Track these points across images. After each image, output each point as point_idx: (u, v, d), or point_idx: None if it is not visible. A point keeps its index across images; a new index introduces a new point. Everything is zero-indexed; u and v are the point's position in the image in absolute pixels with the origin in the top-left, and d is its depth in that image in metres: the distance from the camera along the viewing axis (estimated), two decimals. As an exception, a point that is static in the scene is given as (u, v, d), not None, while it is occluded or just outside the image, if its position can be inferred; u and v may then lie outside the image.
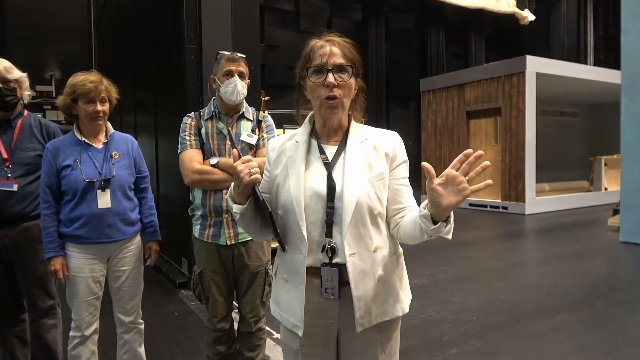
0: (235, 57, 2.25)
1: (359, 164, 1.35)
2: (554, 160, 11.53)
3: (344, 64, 1.33)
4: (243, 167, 1.28)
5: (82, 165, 2.18)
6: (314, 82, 1.33)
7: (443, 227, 1.22)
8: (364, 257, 1.32)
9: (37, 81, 12.16)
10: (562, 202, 10.06)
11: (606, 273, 5.04)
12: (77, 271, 2.20)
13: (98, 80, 2.20)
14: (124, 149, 2.34)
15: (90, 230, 2.17)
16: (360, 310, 1.31)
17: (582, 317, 3.63)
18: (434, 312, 3.75)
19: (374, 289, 1.33)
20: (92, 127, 2.25)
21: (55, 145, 2.23)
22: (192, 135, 2.24)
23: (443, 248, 6.11)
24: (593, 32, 15.09)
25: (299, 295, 1.34)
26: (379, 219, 1.35)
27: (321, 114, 1.38)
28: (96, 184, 2.17)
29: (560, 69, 9.77)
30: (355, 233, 1.31)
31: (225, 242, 2.22)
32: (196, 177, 2.18)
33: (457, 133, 10.71)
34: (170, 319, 3.69)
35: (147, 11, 6.12)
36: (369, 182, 1.33)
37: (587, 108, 13.15)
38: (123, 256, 2.29)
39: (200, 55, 4.36)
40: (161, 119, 5.61)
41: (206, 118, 2.28)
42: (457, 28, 14.46)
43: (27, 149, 2.40)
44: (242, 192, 1.32)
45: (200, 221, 2.28)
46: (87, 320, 2.22)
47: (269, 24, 11.39)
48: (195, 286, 2.30)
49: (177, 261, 4.90)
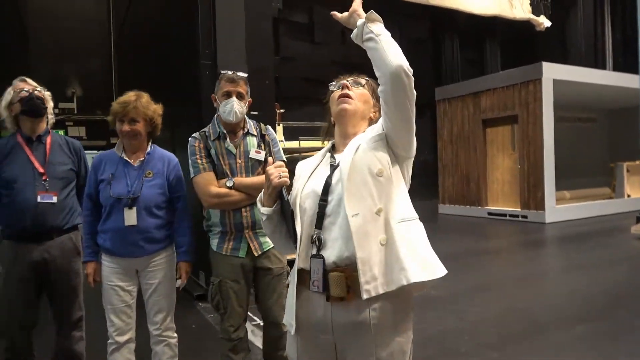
0: (235, 78, 2.30)
1: (357, 142, 1.42)
2: (574, 167, 11.34)
3: (359, 80, 1.52)
4: (274, 171, 1.40)
5: (115, 181, 2.28)
6: (332, 91, 1.53)
7: (362, 22, 1.36)
8: (367, 218, 1.31)
9: (59, 98, 12.45)
10: (584, 209, 9.87)
11: (629, 282, 4.92)
12: (108, 279, 2.30)
13: (130, 100, 2.28)
14: (160, 167, 2.38)
15: (115, 244, 2.27)
16: (365, 275, 1.27)
17: (604, 327, 3.55)
18: (451, 323, 3.71)
19: (377, 253, 1.30)
20: (129, 145, 2.35)
21: (100, 158, 2.37)
22: (203, 158, 2.27)
23: (462, 258, 6.05)
24: (611, 34, 14.85)
25: (292, 293, 1.40)
26: (382, 179, 1.34)
27: (335, 115, 1.50)
28: (124, 201, 2.24)
29: (577, 75, 9.65)
30: (356, 193, 1.32)
31: (246, 254, 2.27)
32: (215, 200, 2.23)
33: (473, 141, 10.63)
34: (188, 332, 3.72)
35: (164, 28, 6.26)
36: (365, 143, 1.39)
37: (606, 113, 12.92)
38: (151, 270, 2.35)
39: (216, 71, 4.44)
40: (178, 133, 5.71)
41: (213, 139, 2.32)
42: (472, 35, 14.42)
43: (60, 164, 2.49)
44: (270, 194, 1.43)
45: (219, 236, 2.32)
46: (120, 327, 2.30)
47: (283, 36, 11.53)
48: (214, 296, 2.33)
49: (195, 273, 4.95)
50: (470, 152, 10.72)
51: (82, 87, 12.66)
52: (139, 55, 8.44)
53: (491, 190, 10.41)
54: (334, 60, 11.43)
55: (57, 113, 12.26)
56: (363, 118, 1.50)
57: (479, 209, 10.43)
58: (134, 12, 8.69)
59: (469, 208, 10.67)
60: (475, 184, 10.55)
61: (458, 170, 11.02)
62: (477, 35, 14.60)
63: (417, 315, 1.49)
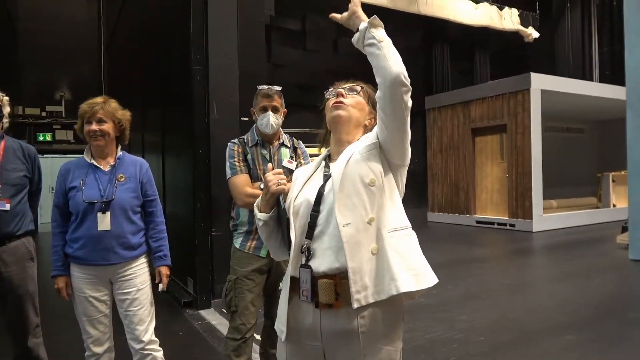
0: (270, 93, 2.47)
1: (350, 151, 1.42)
2: (561, 177, 11.47)
3: (354, 87, 1.51)
4: (272, 178, 1.41)
5: (86, 186, 2.21)
6: (327, 99, 1.52)
7: (364, 26, 1.36)
8: (359, 227, 1.31)
9: (48, 101, 12.37)
10: (571, 219, 9.97)
11: (616, 291, 4.97)
12: (80, 291, 2.22)
13: (97, 102, 2.25)
14: (132, 171, 2.34)
15: (88, 251, 2.19)
16: (355, 284, 1.27)
17: (593, 336, 3.57)
18: (440, 331, 3.71)
19: (368, 263, 1.30)
20: (96, 148, 2.28)
21: (67, 167, 2.29)
22: (240, 162, 2.42)
23: (451, 266, 6.07)
24: (598, 47, 15.10)
25: (284, 300, 1.39)
26: (374, 189, 1.34)
27: (329, 122, 1.50)
28: (97, 206, 2.19)
29: (565, 85, 9.79)
30: (348, 203, 1.33)
31: (267, 254, 2.35)
32: (250, 200, 2.30)
33: (462, 150, 10.71)
34: (175, 339, 3.68)
35: (156, 33, 6.24)
36: (358, 153, 1.39)
37: (594, 124, 13.12)
38: (125, 279, 2.27)
39: (207, 76, 4.43)
40: (168, 138, 5.68)
41: (251, 145, 2.47)
42: (462, 45, 14.58)
43: (14, 170, 2.42)
44: (268, 200, 1.45)
45: (243, 235, 2.43)
46: (97, 337, 2.24)
47: (275, 43, 11.55)
48: (228, 292, 2.38)
49: (183, 280, 4.90)
50: (459, 160, 10.80)
51: (70, 90, 12.58)
52: (130, 59, 8.40)
53: (480, 199, 10.48)
54: (325, 68, 11.47)
55: (45, 116, 12.20)
56: (358, 125, 1.49)
57: (467, 217, 10.50)
58: (125, 16, 8.66)
59: (458, 216, 10.73)
60: (465, 192, 10.62)
61: (447, 178, 11.09)
62: (467, 46, 14.77)
63: (407, 324, 1.48)
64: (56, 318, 3.86)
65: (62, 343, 3.33)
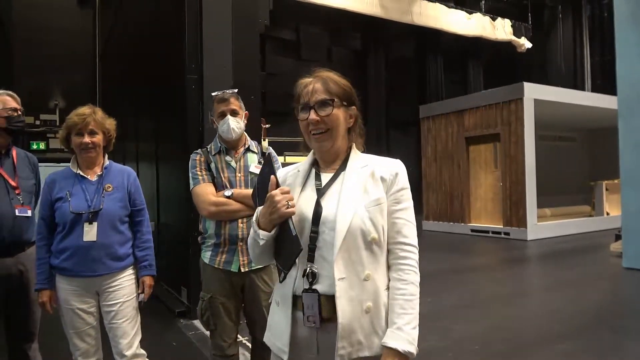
0: (225, 97, 2.37)
1: (356, 189, 1.35)
2: (555, 185, 11.52)
3: (325, 99, 1.37)
4: (281, 198, 1.29)
5: (73, 197, 2.19)
6: (301, 120, 1.41)
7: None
8: (353, 283, 1.29)
9: (42, 110, 12.32)
10: (565, 227, 10.01)
11: (610, 300, 4.98)
12: (67, 303, 2.18)
13: (87, 113, 2.22)
14: (120, 181, 2.32)
15: (75, 263, 2.16)
16: (342, 340, 1.26)
17: (586, 345, 3.58)
18: (434, 341, 3.70)
19: (359, 320, 1.29)
20: (85, 160, 2.26)
21: (52, 178, 2.27)
22: (202, 170, 2.33)
23: (445, 275, 6.06)
24: (590, 57, 15.30)
25: (286, 319, 1.34)
26: (375, 246, 1.33)
27: (313, 146, 1.44)
28: (84, 216, 2.16)
29: (557, 95, 9.88)
30: (346, 258, 1.29)
31: (238, 269, 2.26)
32: (213, 209, 2.24)
33: (457, 159, 10.76)
34: (168, 349, 3.64)
35: (150, 43, 6.25)
36: (364, 207, 1.33)
37: (586, 133, 13.22)
38: (112, 291, 2.23)
39: (202, 85, 4.43)
40: (162, 147, 5.67)
41: (214, 153, 2.38)
42: (456, 55, 14.72)
43: (27, 178, 2.47)
44: (272, 220, 1.31)
45: (212, 248, 2.33)
46: (86, 350, 2.20)
47: (270, 52, 11.61)
48: (204, 312, 2.29)
49: (177, 290, 4.86)
50: (453, 169, 10.84)
51: (64, 99, 12.54)
52: (124, 68, 8.39)
53: (474, 208, 10.51)
54: (319, 77, 11.51)
55: (39, 125, 12.15)
56: (343, 136, 1.44)
57: (462, 225, 10.51)
58: (120, 26, 8.68)
59: (453, 225, 10.75)
60: (459, 201, 10.65)
61: (442, 187, 11.11)
62: (460, 56, 14.91)
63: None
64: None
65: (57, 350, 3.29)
